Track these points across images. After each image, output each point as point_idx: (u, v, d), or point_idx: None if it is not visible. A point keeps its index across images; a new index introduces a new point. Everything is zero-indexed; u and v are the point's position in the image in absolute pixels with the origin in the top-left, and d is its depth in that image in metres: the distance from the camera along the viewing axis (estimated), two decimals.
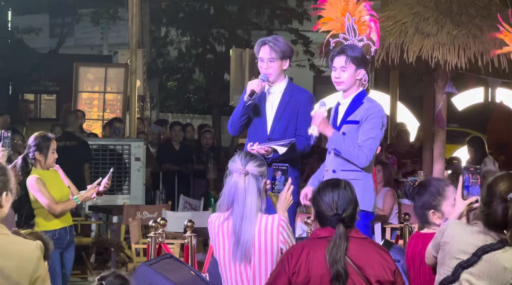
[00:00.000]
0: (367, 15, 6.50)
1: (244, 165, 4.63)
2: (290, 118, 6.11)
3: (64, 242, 6.98)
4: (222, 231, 4.66)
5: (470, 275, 4.06)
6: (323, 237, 4.04)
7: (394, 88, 13.44)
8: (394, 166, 11.29)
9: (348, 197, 4.07)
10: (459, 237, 4.11)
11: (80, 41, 25.41)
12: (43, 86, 22.31)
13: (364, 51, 5.92)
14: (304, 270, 4.01)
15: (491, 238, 4.05)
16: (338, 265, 3.93)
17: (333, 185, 4.12)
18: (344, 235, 3.97)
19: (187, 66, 19.58)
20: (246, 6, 18.27)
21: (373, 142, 5.65)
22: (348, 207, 4.05)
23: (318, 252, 4.01)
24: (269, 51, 6.08)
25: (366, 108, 5.71)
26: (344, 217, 4.02)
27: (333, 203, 4.04)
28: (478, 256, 4.04)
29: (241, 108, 6.08)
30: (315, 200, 4.12)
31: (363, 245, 4.05)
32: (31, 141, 7.01)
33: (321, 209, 4.08)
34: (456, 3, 9.22)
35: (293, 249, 4.15)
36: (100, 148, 11.83)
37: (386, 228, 8.98)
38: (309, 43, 18.23)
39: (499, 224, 4.02)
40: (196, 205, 10.80)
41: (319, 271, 3.98)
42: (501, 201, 3.97)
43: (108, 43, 25.48)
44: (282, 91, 6.17)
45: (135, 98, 13.01)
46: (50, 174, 7.05)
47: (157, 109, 19.22)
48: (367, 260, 4.01)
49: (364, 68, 5.80)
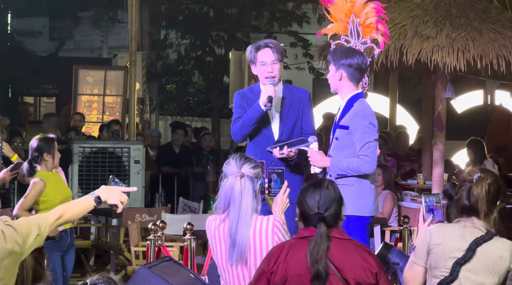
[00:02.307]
0: (375, 16, 6.46)
1: (240, 167, 4.64)
2: (295, 119, 6.13)
3: (65, 245, 6.99)
4: (219, 233, 4.67)
5: (468, 272, 4.09)
6: (305, 237, 4.00)
7: (394, 91, 13.44)
8: (394, 169, 11.29)
9: (331, 197, 4.04)
10: (450, 236, 4.14)
11: (80, 44, 25.39)
12: (43, 89, 22.29)
13: (347, 52, 5.81)
14: (282, 269, 3.97)
15: (479, 230, 4.13)
16: (319, 264, 3.88)
17: (315, 185, 4.08)
18: (325, 234, 3.93)
19: (186, 69, 19.58)
20: (245, 9, 18.27)
21: (370, 146, 5.63)
22: (331, 207, 4.02)
23: (298, 252, 3.97)
24: (272, 54, 6.08)
25: (352, 115, 5.70)
26: (326, 216, 3.98)
27: (315, 203, 4.01)
28: (473, 250, 4.08)
29: (257, 114, 6.00)
30: (299, 201, 4.09)
31: (345, 247, 4.00)
32: (35, 144, 7.02)
33: (304, 209, 4.04)
34: (455, 6, 9.23)
35: (275, 249, 4.11)
36: (99, 150, 11.83)
37: (386, 231, 8.98)
38: (309, 46, 18.25)
39: (467, 206, 4.12)
40: (195, 207, 10.80)
41: (297, 271, 3.94)
42: (467, 185, 4.14)
43: (107, 46, 25.46)
44: (281, 93, 6.18)
45: (134, 100, 13.02)
46: (54, 176, 7.08)
47: (157, 112, 19.21)
48: (348, 262, 3.95)
49: (344, 70, 5.74)
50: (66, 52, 22.43)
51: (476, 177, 4.13)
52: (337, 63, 5.75)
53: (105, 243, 10.27)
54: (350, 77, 5.74)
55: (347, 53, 5.78)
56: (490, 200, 4.14)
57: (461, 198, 4.14)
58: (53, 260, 6.83)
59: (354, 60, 5.72)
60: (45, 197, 6.96)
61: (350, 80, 5.75)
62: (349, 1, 6.48)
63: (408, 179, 11.14)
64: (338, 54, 5.77)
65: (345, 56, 5.74)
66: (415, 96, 18.34)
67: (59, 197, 6.98)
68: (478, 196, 4.11)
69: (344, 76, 5.74)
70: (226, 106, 16.08)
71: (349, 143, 5.68)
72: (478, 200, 4.11)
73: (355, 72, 5.73)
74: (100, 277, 3.41)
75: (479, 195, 4.11)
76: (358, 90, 5.81)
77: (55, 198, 6.96)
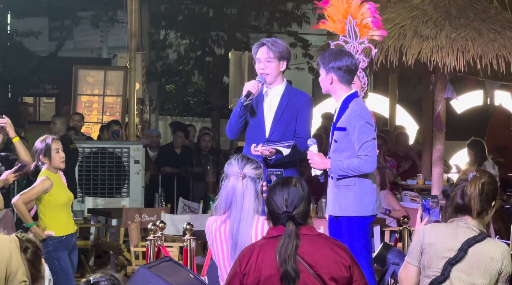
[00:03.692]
0: (370, 17, 6.48)
1: (242, 168, 4.64)
2: (289, 120, 6.11)
3: (71, 243, 7.00)
4: (220, 234, 4.67)
5: (460, 272, 4.10)
6: (274, 236, 3.95)
7: (393, 91, 13.45)
8: (394, 169, 11.29)
9: (299, 195, 3.97)
10: (443, 236, 4.15)
11: (80, 44, 25.40)
12: (43, 89, 22.31)
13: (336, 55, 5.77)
14: (254, 271, 3.93)
15: (472, 231, 4.13)
16: (288, 264, 3.83)
17: (283, 183, 4.03)
18: (294, 233, 3.87)
19: (186, 69, 19.57)
20: (245, 9, 18.27)
21: (369, 146, 5.63)
22: (299, 205, 3.96)
23: (268, 252, 3.93)
24: (266, 51, 6.10)
25: (348, 115, 5.70)
26: (294, 215, 3.93)
27: (283, 201, 3.95)
28: (465, 251, 4.09)
29: (239, 109, 6.08)
30: (267, 200, 4.04)
31: (316, 242, 3.95)
32: (35, 147, 7.06)
33: (272, 207, 3.99)
34: (455, 6, 9.23)
35: (246, 250, 4.05)
36: (99, 151, 11.83)
37: (385, 231, 8.98)
38: (308, 46, 18.24)
39: (460, 205, 4.14)
40: (195, 208, 10.80)
41: (269, 271, 3.90)
42: (462, 183, 4.16)
43: (107, 46, 25.48)
44: (281, 94, 6.17)
45: (134, 101, 13.02)
46: (57, 177, 7.07)
47: (156, 112, 19.20)
48: (320, 257, 3.91)
49: (334, 73, 5.73)
50: (66, 52, 22.43)
51: (471, 176, 4.14)
52: (326, 66, 5.76)
53: (105, 243, 10.27)
54: (340, 80, 5.74)
55: (336, 55, 5.76)
56: (484, 199, 4.14)
57: (455, 197, 4.16)
58: (63, 258, 6.88)
59: (342, 62, 5.72)
60: (51, 195, 6.94)
61: (341, 82, 5.75)
62: (345, 2, 6.51)
63: (408, 179, 11.14)
64: (327, 57, 5.77)
65: (333, 59, 5.74)
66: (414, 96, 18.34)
67: (64, 198, 7.03)
68: (471, 195, 4.12)
69: (335, 79, 5.75)
70: (226, 106, 16.09)
71: (348, 144, 5.69)
72: (471, 199, 4.12)
73: (345, 74, 5.73)
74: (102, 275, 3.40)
75: (472, 194, 4.12)
76: (352, 90, 5.80)
77: (61, 198, 7.00)
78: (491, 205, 4.19)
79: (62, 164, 7.04)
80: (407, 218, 7.79)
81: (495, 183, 4.21)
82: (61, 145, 7.08)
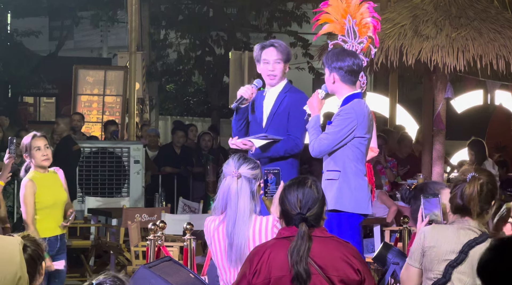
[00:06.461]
0: (369, 17, 6.48)
1: (237, 168, 4.63)
2: (282, 119, 6.14)
3: (54, 250, 6.68)
4: (217, 234, 4.67)
5: (461, 274, 4.09)
6: (286, 237, 3.93)
7: (393, 91, 13.45)
8: (394, 170, 11.29)
9: (314, 197, 3.95)
10: (444, 238, 4.14)
11: (80, 44, 25.42)
12: (43, 89, 22.31)
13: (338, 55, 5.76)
14: (264, 271, 3.91)
15: (473, 233, 4.12)
16: (299, 266, 3.82)
17: (298, 183, 3.99)
18: (306, 234, 3.85)
19: (186, 69, 19.59)
20: (245, 8, 18.28)
21: (326, 138, 5.60)
22: (313, 206, 3.93)
23: (279, 252, 3.91)
24: (275, 53, 6.14)
25: (339, 110, 5.71)
26: (308, 217, 3.91)
27: (297, 202, 3.92)
28: (466, 253, 4.08)
29: (234, 114, 6.14)
30: (281, 199, 4.02)
31: (327, 244, 3.93)
32: (21, 144, 6.79)
33: (285, 208, 3.96)
34: (455, 6, 9.23)
35: (257, 249, 4.03)
36: (99, 150, 11.84)
37: (386, 231, 8.98)
38: (308, 46, 18.25)
39: (460, 206, 4.12)
40: (195, 207, 10.80)
41: (279, 272, 3.88)
42: (461, 184, 4.14)
43: (107, 46, 25.49)
44: (278, 93, 6.21)
45: (134, 100, 13.02)
46: (48, 177, 6.79)
47: (156, 112, 19.22)
48: (330, 260, 3.89)
49: (336, 73, 5.72)
50: (66, 52, 22.44)
51: (470, 176, 4.13)
52: (329, 66, 5.76)
53: (105, 243, 10.27)
54: (342, 79, 5.73)
55: (338, 55, 5.76)
56: (483, 200, 4.13)
57: (455, 197, 4.14)
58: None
59: (344, 63, 5.70)
60: (36, 198, 6.66)
61: (343, 82, 5.73)
62: (345, 2, 6.51)
63: (408, 179, 11.13)
64: (330, 57, 5.78)
65: (336, 59, 5.73)
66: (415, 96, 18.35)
67: (49, 200, 6.72)
68: (470, 195, 4.10)
69: (337, 78, 5.74)
70: (226, 106, 16.09)
71: None
72: (470, 200, 4.10)
73: (346, 74, 5.71)
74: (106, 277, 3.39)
75: (471, 194, 4.10)
76: (355, 90, 5.79)
77: (46, 200, 6.70)
78: (490, 204, 4.18)
79: (44, 162, 6.68)
80: (407, 218, 7.78)
81: (494, 182, 4.20)
82: (45, 142, 6.72)
